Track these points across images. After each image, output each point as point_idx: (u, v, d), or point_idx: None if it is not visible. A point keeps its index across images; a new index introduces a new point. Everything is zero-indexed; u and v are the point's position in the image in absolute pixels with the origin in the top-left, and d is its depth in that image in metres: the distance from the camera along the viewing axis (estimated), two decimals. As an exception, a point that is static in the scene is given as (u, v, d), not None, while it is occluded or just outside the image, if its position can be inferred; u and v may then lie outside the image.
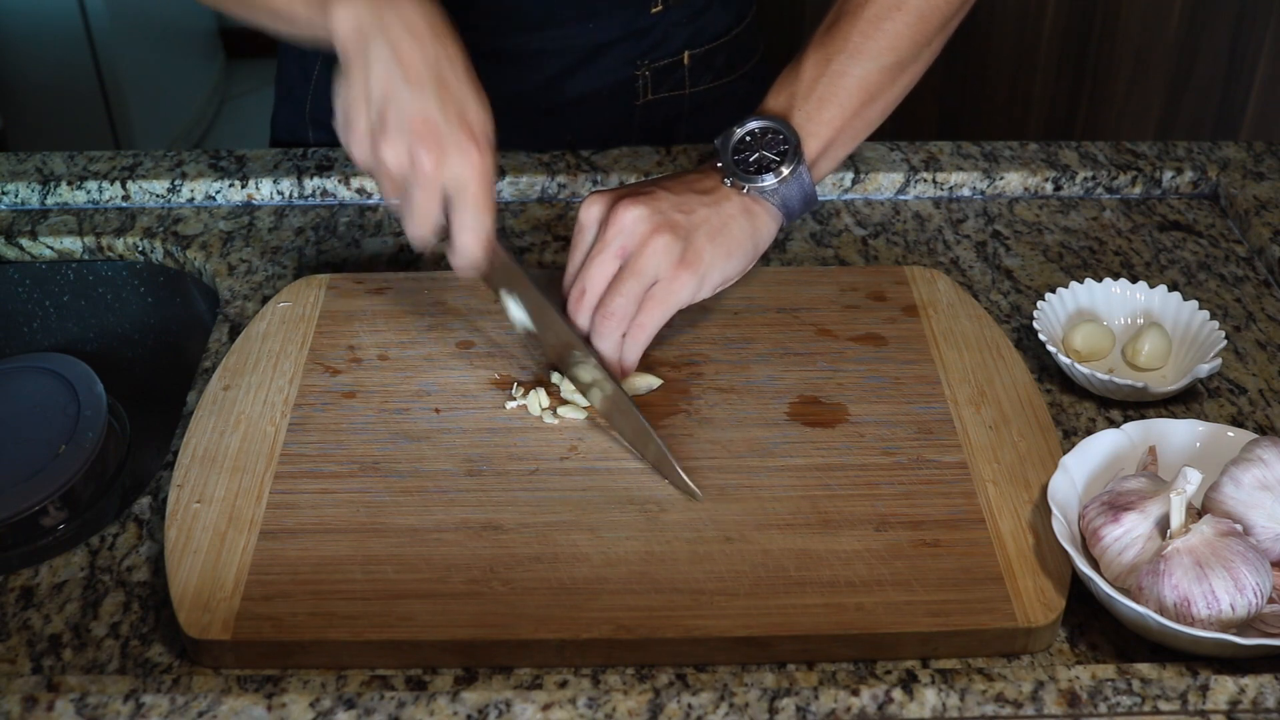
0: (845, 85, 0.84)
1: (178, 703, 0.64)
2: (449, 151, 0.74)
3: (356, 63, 0.75)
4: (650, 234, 0.77)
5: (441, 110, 0.74)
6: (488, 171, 0.75)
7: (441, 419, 0.80)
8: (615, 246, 0.78)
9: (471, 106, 0.75)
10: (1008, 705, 0.65)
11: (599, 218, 0.80)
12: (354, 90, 0.75)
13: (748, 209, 0.81)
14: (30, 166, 1.05)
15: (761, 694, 0.65)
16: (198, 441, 0.79)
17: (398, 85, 0.74)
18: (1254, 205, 1.02)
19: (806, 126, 0.83)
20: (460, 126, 0.74)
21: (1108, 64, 2.02)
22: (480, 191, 0.75)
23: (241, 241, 1.00)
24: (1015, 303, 0.94)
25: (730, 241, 0.80)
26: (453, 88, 0.74)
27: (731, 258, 0.80)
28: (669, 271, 0.78)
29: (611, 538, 0.72)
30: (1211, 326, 0.85)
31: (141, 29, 2.74)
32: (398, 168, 0.74)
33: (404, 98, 0.73)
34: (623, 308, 0.78)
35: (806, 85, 0.84)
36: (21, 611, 0.71)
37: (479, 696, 0.64)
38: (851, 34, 0.84)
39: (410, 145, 0.73)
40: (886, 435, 0.79)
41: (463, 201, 0.75)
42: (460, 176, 0.74)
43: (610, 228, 0.78)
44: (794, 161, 0.81)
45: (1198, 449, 0.76)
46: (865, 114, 0.85)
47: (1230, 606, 0.65)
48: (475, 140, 0.74)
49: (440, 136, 0.73)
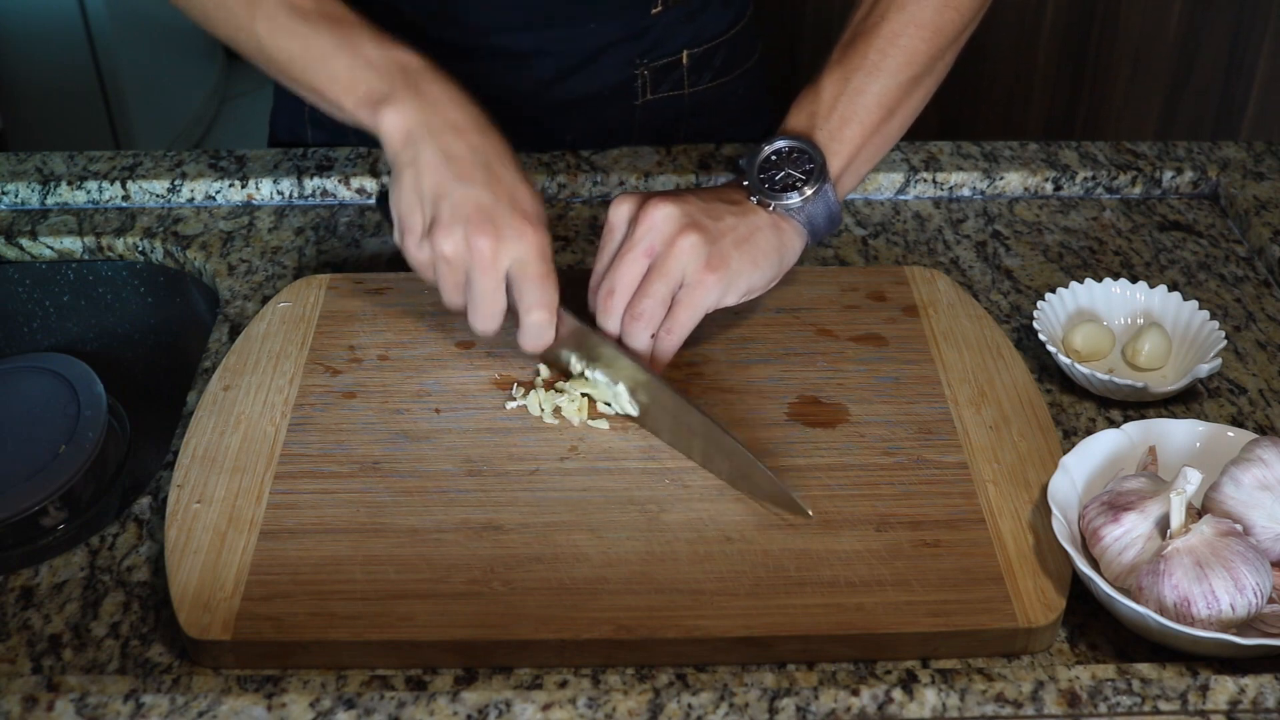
0: (864, 103, 0.84)
1: (178, 703, 0.64)
2: (505, 234, 0.75)
3: (408, 167, 0.77)
4: (678, 234, 0.78)
5: (494, 197, 0.76)
6: (545, 248, 0.77)
7: (442, 419, 0.80)
8: (644, 245, 0.79)
9: (522, 191, 0.77)
10: (1008, 705, 0.65)
11: (629, 217, 0.80)
12: (406, 192, 0.78)
13: (775, 224, 0.82)
14: (30, 166, 1.05)
15: (761, 694, 0.65)
16: (198, 442, 0.79)
17: (449, 181, 0.76)
18: (1254, 205, 1.02)
19: (829, 145, 0.84)
20: (513, 210, 0.76)
21: (1108, 64, 2.02)
22: (541, 267, 0.76)
23: (241, 241, 1.00)
24: (1015, 303, 0.94)
25: (757, 251, 0.80)
26: (502, 177, 0.77)
27: (758, 267, 0.80)
28: (696, 274, 0.78)
29: (612, 538, 0.72)
30: (1211, 326, 0.85)
31: (141, 29, 2.74)
32: (456, 257, 0.76)
33: (456, 191, 0.76)
34: (651, 309, 0.78)
35: (827, 104, 0.85)
36: (22, 611, 0.71)
37: (479, 696, 0.64)
38: (869, 52, 0.85)
39: (467, 233, 0.75)
40: (887, 435, 0.79)
41: (525, 279, 0.76)
42: (520, 257, 0.76)
43: (640, 225, 0.79)
44: (819, 180, 0.82)
45: (1198, 449, 0.76)
46: (885, 130, 0.86)
47: (1230, 606, 0.65)
48: (529, 220, 0.76)
49: (495, 220, 0.76)
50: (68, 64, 2.58)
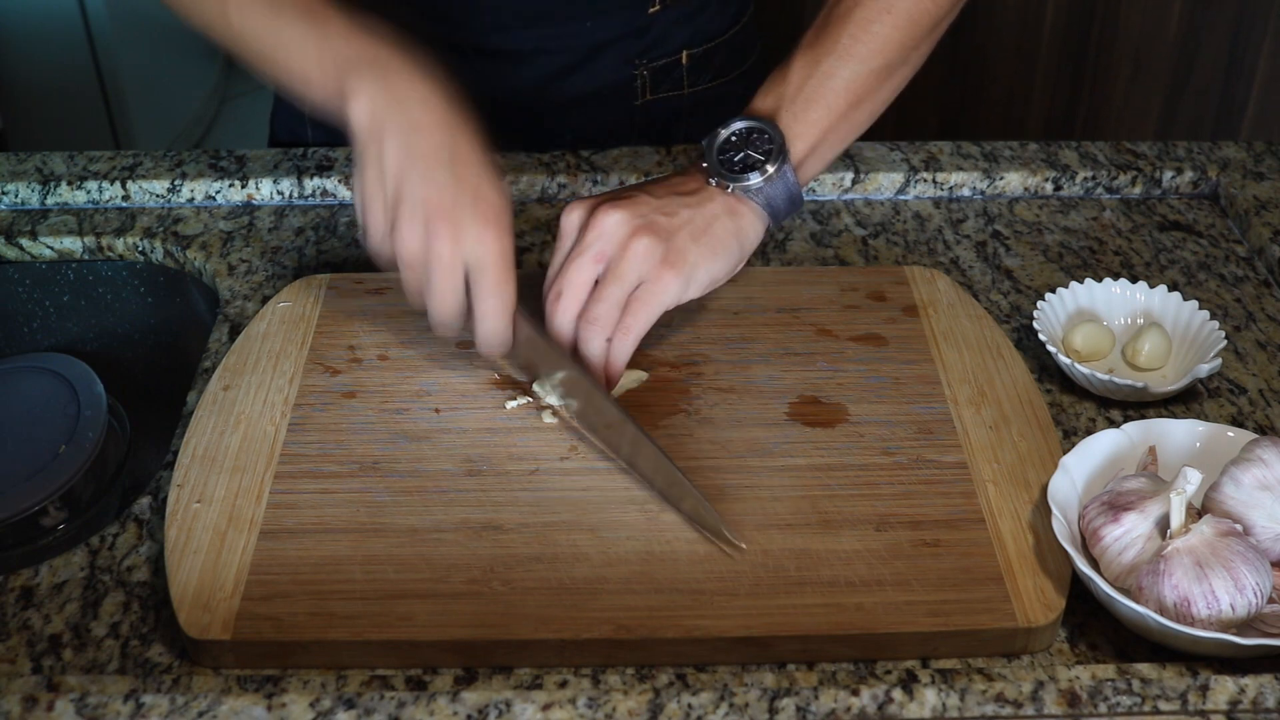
0: (833, 87, 0.83)
1: (178, 703, 0.64)
2: (465, 231, 0.74)
3: (371, 150, 0.76)
4: (630, 237, 0.77)
5: (455, 196, 0.74)
6: (504, 251, 0.75)
7: (441, 419, 0.80)
8: (594, 250, 0.77)
9: (486, 187, 0.75)
10: (1007, 705, 0.65)
11: (579, 224, 0.79)
12: (369, 176, 0.76)
13: (732, 209, 0.81)
14: (30, 166, 1.05)
15: (761, 694, 0.65)
16: (198, 441, 0.79)
17: (412, 169, 0.74)
18: (1254, 205, 1.02)
19: (793, 127, 0.83)
20: (475, 206, 0.74)
21: (1108, 64, 2.02)
22: (498, 273, 0.75)
23: (241, 241, 1.00)
24: (1015, 303, 0.94)
25: (714, 241, 0.79)
26: (467, 170, 0.75)
27: (717, 257, 0.80)
28: (653, 273, 0.77)
29: (611, 537, 0.72)
30: (1211, 326, 0.85)
31: (141, 29, 2.74)
32: (414, 250, 0.75)
33: (418, 180, 0.74)
34: (606, 313, 0.77)
35: (794, 87, 0.84)
36: (21, 611, 0.71)
37: (479, 696, 0.64)
38: (840, 37, 0.84)
39: (426, 226, 0.74)
40: (887, 435, 0.79)
41: (481, 285, 0.75)
42: (478, 257, 0.74)
43: (589, 232, 0.78)
44: (779, 161, 0.81)
45: (1198, 449, 0.76)
46: (853, 116, 0.85)
47: (1230, 606, 0.65)
48: (489, 222, 0.74)
49: (455, 216, 0.74)
50: (68, 64, 2.59)
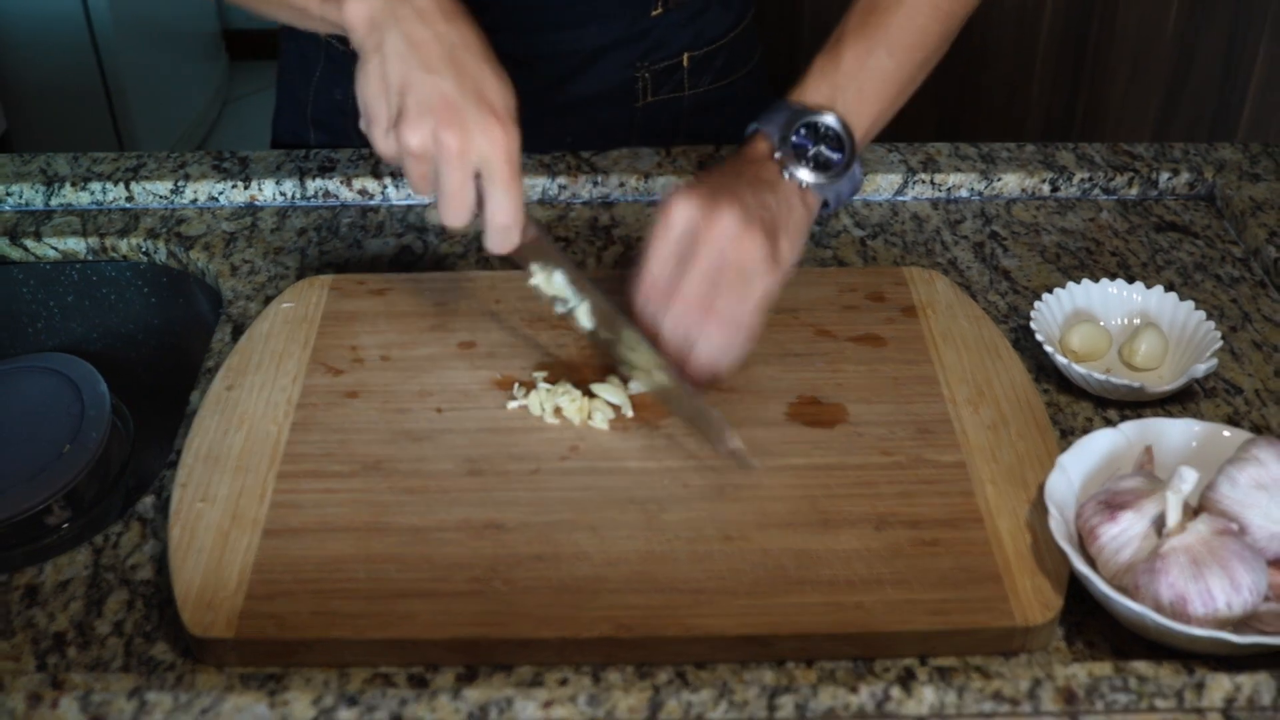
0: (883, 78, 0.85)
1: (181, 700, 0.64)
2: (472, 129, 0.73)
3: (372, 53, 0.75)
4: (744, 237, 0.77)
5: (460, 90, 0.74)
6: (513, 147, 0.74)
7: (443, 419, 0.81)
8: (714, 252, 0.77)
9: (490, 83, 0.75)
10: (1005, 703, 0.65)
11: (691, 219, 0.78)
12: (371, 81, 0.75)
13: (804, 201, 0.82)
14: (34, 168, 1.06)
15: (761, 691, 0.65)
16: (201, 441, 0.79)
17: (414, 70, 0.74)
18: (1250, 206, 1.03)
19: (850, 119, 0.84)
20: (480, 103, 0.74)
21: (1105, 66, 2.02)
22: (507, 170, 0.75)
23: (244, 242, 1.00)
24: (1013, 303, 0.95)
25: (797, 235, 0.81)
26: (469, 67, 0.74)
27: (796, 250, 0.81)
28: (761, 272, 0.78)
29: (612, 537, 0.72)
30: (1208, 327, 0.86)
31: (145, 31, 2.75)
32: (422, 151, 0.74)
33: (421, 81, 0.73)
34: (729, 309, 0.77)
35: (846, 76, 0.85)
36: (26, 610, 0.72)
37: (480, 694, 0.65)
38: (891, 26, 0.85)
39: (433, 127, 0.73)
40: (885, 435, 0.80)
41: (491, 182, 0.75)
42: (486, 154, 0.74)
43: (711, 230, 0.77)
44: (853, 159, 0.83)
45: (1194, 448, 0.77)
46: (894, 107, 0.87)
47: (1226, 605, 0.66)
48: (497, 115, 0.74)
49: (462, 115, 0.73)
50: (72, 66, 2.59)
